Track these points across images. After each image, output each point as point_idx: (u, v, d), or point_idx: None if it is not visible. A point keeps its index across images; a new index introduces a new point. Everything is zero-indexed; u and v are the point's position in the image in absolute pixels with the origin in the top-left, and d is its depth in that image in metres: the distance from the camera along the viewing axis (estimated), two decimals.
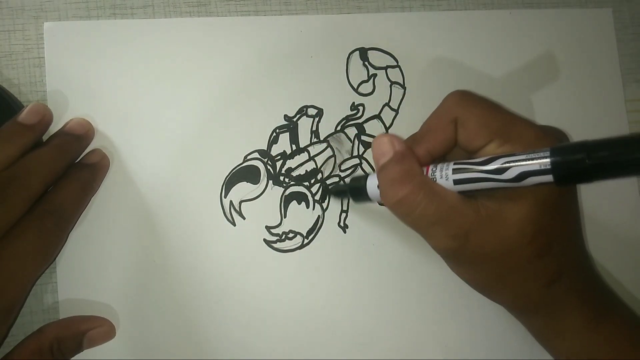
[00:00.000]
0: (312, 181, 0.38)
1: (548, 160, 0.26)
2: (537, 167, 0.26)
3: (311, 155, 0.38)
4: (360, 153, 0.38)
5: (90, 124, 0.35)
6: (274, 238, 0.37)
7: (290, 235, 0.37)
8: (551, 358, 0.37)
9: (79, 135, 0.34)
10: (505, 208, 0.28)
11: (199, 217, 0.36)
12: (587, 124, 0.41)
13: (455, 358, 0.38)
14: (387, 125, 0.39)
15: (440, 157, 0.32)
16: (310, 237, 0.37)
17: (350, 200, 0.38)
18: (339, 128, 0.38)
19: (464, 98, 0.31)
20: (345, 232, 0.38)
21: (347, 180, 0.38)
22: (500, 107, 0.31)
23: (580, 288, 0.31)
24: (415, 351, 0.37)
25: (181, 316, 0.35)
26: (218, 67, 0.37)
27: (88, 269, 0.35)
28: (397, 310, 0.37)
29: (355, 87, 0.39)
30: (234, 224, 0.37)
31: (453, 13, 0.40)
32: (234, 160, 0.37)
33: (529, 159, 0.26)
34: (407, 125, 0.39)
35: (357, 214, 0.38)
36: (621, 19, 0.42)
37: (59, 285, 0.34)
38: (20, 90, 0.36)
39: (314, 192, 0.38)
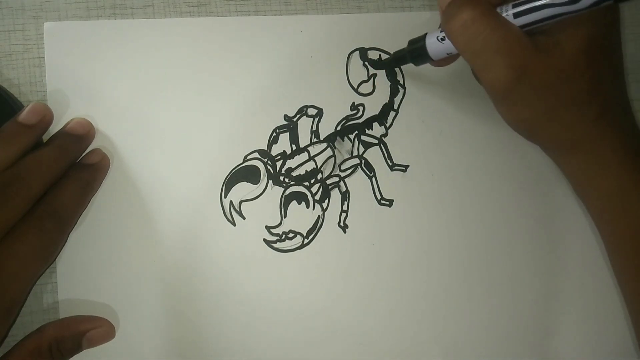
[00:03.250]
0: (312, 181, 0.38)
1: None
2: None
3: (311, 155, 0.38)
4: (360, 153, 0.38)
5: (91, 124, 0.35)
6: (274, 238, 0.37)
7: (290, 235, 0.37)
8: (549, 358, 0.37)
9: (79, 136, 0.34)
10: (560, 40, 0.30)
11: (199, 217, 0.36)
12: None
13: (455, 358, 0.38)
14: (387, 125, 0.39)
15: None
16: (310, 237, 0.37)
17: (350, 199, 0.38)
18: (339, 128, 0.38)
19: None
20: (345, 232, 0.38)
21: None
22: None
23: (623, 127, 0.32)
24: (415, 351, 0.37)
25: (181, 316, 0.35)
26: (218, 67, 0.37)
27: (88, 269, 0.35)
28: (397, 310, 0.37)
29: (355, 87, 0.39)
30: (234, 224, 0.37)
31: None
32: (234, 160, 0.37)
33: None
34: (407, 125, 0.39)
35: (357, 214, 0.38)
36: (621, 19, 0.42)
37: (59, 285, 0.34)
38: (20, 90, 0.36)
39: (314, 192, 0.38)
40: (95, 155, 0.35)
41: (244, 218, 0.37)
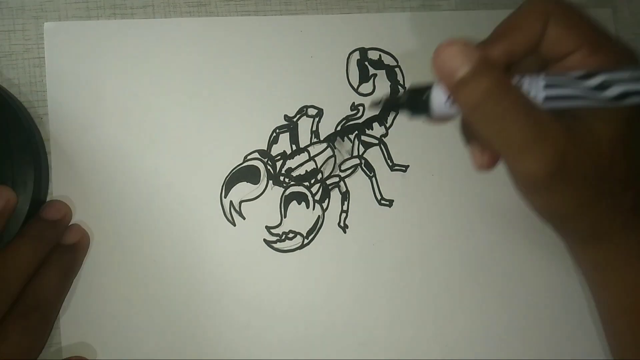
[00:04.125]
0: (312, 181, 0.38)
1: None
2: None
3: (311, 155, 0.38)
4: (360, 153, 0.38)
5: (67, 205, 0.34)
6: (274, 238, 0.37)
7: (290, 235, 0.37)
8: (549, 358, 0.37)
9: (55, 221, 0.33)
10: (595, 127, 0.26)
11: (199, 217, 0.36)
12: None
13: (455, 358, 0.38)
14: (388, 125, 0.39)
15: (514, 65, 0.28)
16: (310, 237, 0.37)
17: (350, 199, 0.38)
18: (339, 128, 0.38)
19: None
20: (345, 232, 0.38)
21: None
22: (596, 20, 0.28)
23: None
24: (415, 351, 0.37)
25: (181, 316, 0.35)
26: (218, 67, 0.37)
27: (88, 269, 0.35)
28: (397, 310, 0.37)
29: (355, 87, 0.39)
30: (234, 224, 0.37)
31: (453, 13, 0.40)
32: (234, 160, 0.37)
33: (633, 78, 0.24)
34: (407, 125, 0.39)
35: (357, 214, 0.38)
36: (621, 19, 0.42)
37: None
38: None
39: (314, 192, 0.38)
40: (75, 234, 0.34)
41: (244, 218, 0.37)
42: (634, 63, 0.26)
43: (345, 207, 0.38)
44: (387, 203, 0.38)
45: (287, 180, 0.37)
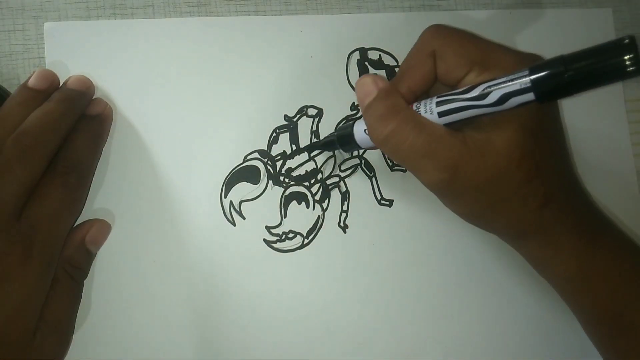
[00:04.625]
0: (312, 181, 0.38)
1: (528, 79, 0.26)
2: (517, 87, 0.26)
3: (311, 155, 0.38)
4: (360, 153, 0.38)
5: (90, 80, 0.35)
6: (274, 238, 0.37)
7: (290, 235, 0.37)
8: (549, 358, 0.37)
9: (81, 91, 0.34)
10: (491, 136, 0.29)
11: (199, 217, 0.36)
12: (587, 124, 0.41)
13: (455, 358, 0.38)
14: None
15: (423, 94, 0.32)
16: (310, 237, 0.37)
17: (350, 199, 0.38)
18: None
19: (439, 30, 0.31)
20: (345, 232, 0.38)
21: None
22: (477, 36, 0.31)
23: (573, 210, 0.31)
24: (415, 351, 0.37)
25: (181, 316, 0.35)
26: (218, 67, 0.37)
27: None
28: (397, 310, 0.37)
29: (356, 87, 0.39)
30: (234, 224, 0.37)
31: (453, 13, 0.40)
32: (234, 160, 0.37)
33: (509, 81, 0.27)
34: None
35: (357, 214, 0.38)
36: (621, 19, 0.42)
37: None
38: None
39: (314, 192, 0.38)
40: (99, 105, 0.35)
41: (244, 218, 0.37)
42: (529, 65, 0.28)
43: (345, 207, 0.38)
44: (387, 203, 0.38)
45: (287, 180, 0.37)
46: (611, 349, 0.33)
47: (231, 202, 0.37)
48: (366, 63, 0.39)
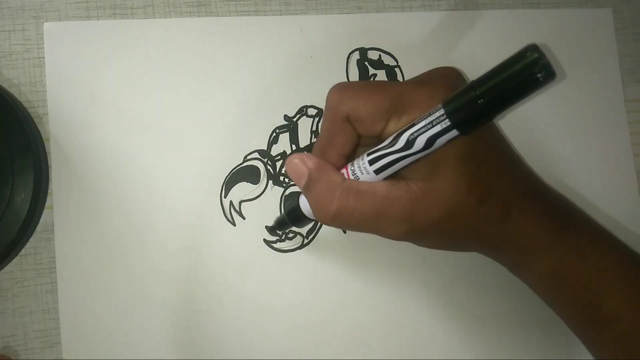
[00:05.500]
0: None
1: (445, 117, 0.26)
2: (439, 129, 0.26)
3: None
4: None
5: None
6: (274, 238, 0.37)
7: (290, 235, 0.37)
8: (549, 358, 0.37)
9: None
10: (433, 177, 0.29)
11: (199, 217, 0.36)
12: (587, 124, 0.41)
13: (455, 358, 0.38)
14: None
15: (354, 152, 0.32)
16: (310, 237, 0.37)
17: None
18: None
19: (343, 92, 0.30)
20: (345, 232, 0.38)
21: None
22: (381, 82, 0.31)
23: (536, 212, 0.31)
24: (415, 351, 0.37)
25: (181, 316, 0.35)
26: (218, 67, 0.37)
27: (88, 269, 0.35)
28: (397, 310, 0.37)
29: None
30: (234, 224, 0.37)
31: (453, 13, 0.40)
32: (234, 160, 0.37)
33: (428, 124, 0.27)
34: None
35: None
36: (621, 19, 0.42)
37: (59, 285, 0.34)
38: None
39: None
40: None
41: (244, 218, 0.37)
42: (443, 95, 0.28)
43: None
44: None
45: (287, 180, 0.37)
46: (596, 343, 0.33)
47: (231, 202, 0.37)
48: (366, 63, 0.39)
